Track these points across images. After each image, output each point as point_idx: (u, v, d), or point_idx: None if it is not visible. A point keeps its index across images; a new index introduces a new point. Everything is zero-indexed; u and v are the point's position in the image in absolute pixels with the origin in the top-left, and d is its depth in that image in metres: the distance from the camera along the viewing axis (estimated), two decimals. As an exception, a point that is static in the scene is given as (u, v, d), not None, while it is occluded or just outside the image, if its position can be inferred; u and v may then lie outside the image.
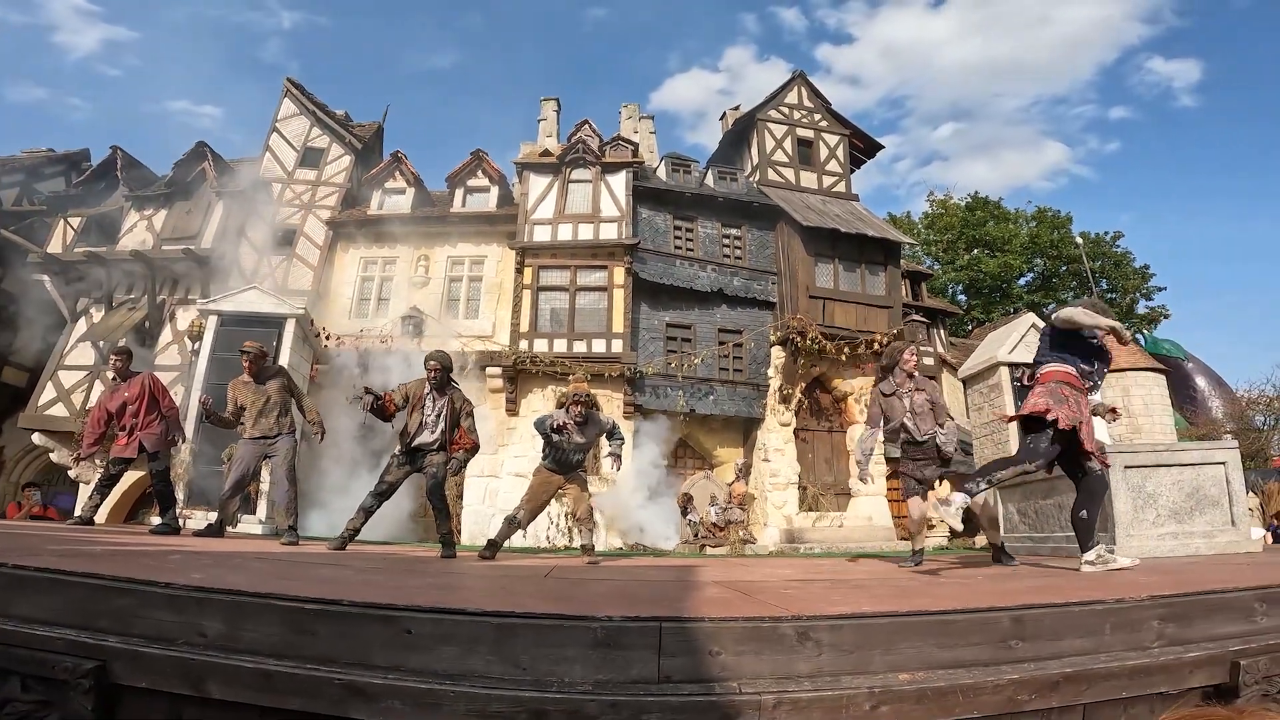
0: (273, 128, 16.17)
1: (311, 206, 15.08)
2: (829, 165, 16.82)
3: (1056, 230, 33.09)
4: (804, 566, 5.74)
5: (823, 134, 17.08)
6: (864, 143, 17.83)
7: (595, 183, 14.61)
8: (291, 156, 15.77)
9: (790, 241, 14.66)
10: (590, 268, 13.94)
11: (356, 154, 15.86)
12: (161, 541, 5.70)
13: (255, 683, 2.09)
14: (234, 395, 6.71)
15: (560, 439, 6.01)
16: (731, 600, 2.91)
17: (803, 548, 11.49)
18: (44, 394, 13.66)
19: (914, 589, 3.44)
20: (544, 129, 18.07)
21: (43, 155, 17.67)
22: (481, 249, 14.78)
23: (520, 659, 2.05)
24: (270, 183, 15.27)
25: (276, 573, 3.51)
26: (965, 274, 32.54)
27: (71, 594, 2.49)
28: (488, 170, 15.79)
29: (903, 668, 2.16)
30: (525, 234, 14.13)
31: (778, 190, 15.72)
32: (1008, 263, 32.04)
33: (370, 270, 14.81)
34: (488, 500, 12.57)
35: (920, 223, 35.85)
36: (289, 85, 16.55)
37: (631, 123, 19.59)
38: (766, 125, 16.73)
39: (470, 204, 15.48)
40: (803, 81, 17.62)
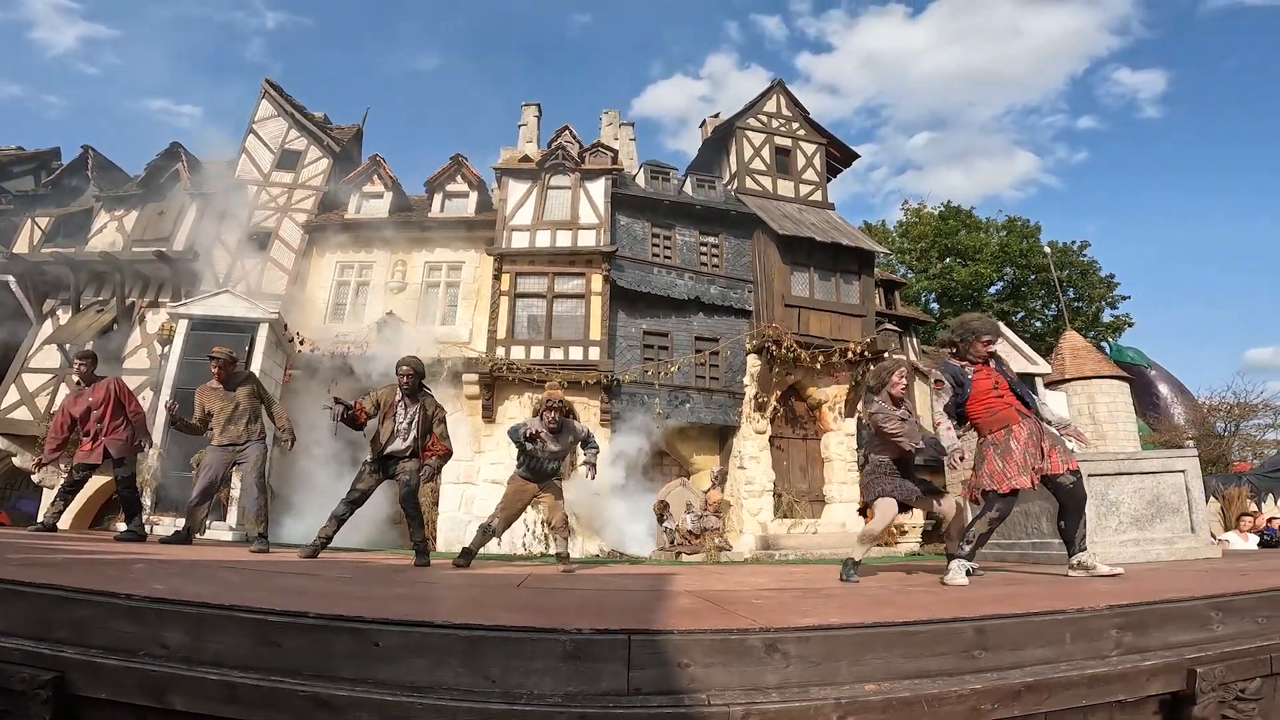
0: (249, 129, 15.98)
1: (288, 209, 14.92)
2: (806, 174, 16.96)
3: (1026, 240, 33.61)
4: (777, 574, 5.78)
5: (800, 143, 17.22)
6: (841, 152, 18.00)
7: (574, 189, 14.61)
8: (268, 159, 15.59)
9: (766, 250, 14.77)
10: (568, 275, 13.91)
11: (334, 157, 15.71)
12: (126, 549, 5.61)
13: (219, 694, 2.08)
14: (201, 402, 6.64)
15: (534, 447, 6.01)
16: (702, 611, 2.94)
17: (778, 554, 11.56)
18: (6, 397, 13.35)
19: (883, 598, 3.50)
20: (524, 134, 18.05)
21: (11, 153, 17.33)
22: (459, 254, 14.71)
23: (490, 671, 2.06)
24: (246, 185, 15.09)
25: (244, 583, 3.49)
26: (938, 282, 32.95)
27: (29, 604, 2.47)
28: (467, 175, 15.74)
29: (869, 678, 2.18)
30: (503, 240, 14.09)
31: (755, 198, 15.83)
32: (979, 271, 32.50)
33: (346, 275, 14.67)
34: (463, 507, 12.50)
35: (895, 231, 36.26)
36: (267, 86, 16.39)
37: (612, 129, 19.64)
38: (745, 133, 16.85)
39: (449, 209, 15.41)
40: (781, 90, 17.76)
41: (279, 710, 2.03)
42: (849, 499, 13.64)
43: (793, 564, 9.05)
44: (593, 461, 6.27)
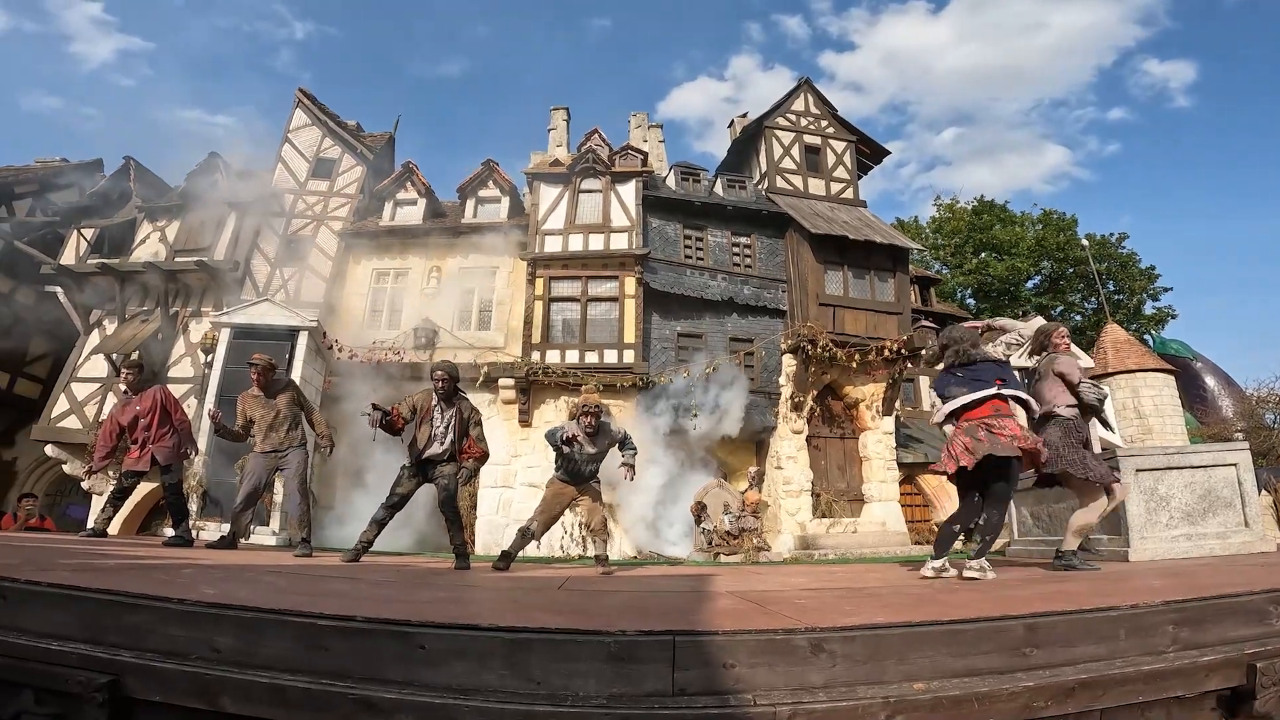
0: (285, 138, 16.22)
1: (324, 217, 15.13)
2: (836, 172, 16.83)
3: (1062, 232, 33.01)
4: (818, 574, 5.71)
5: (830, 140, 17.08)
6: (870, 149, 17.82)
7: (605, 192, 14.64)
8: (303, 167, 15.82)
9: (799, 249, 14.67)
10: (601, 278, 13.94)
11: (368, 165, 15.88)
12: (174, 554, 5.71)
13: (269, 697, 2.10)
14: (243, 408, 6.74)
15: (572, 450, 6.02)
16: (745, 611, 2.91)
17: (817, 554, 11.48)
18: (57, 406, 13.70)
19: (927, 597, 3.44)
20: (554, 138, 18.16)
21: (56, 165, 17.70)
22: (493, 260, 14.76)
23: (534, 673, 2.05)
24: (282, 193, 15.33)
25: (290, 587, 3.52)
26: (973, 278, 32.50)
27: (85, 609, 2.50)
28: (499, 180, 15.83)
29: (917, 677, 2.16)
30: (536, 245, 14.16)
31: (786, 198, 15.74)
32: (1015, 266, 31.98)
33: (382, 281, 14.83)
34: (501, 511, 12.58)
35: (928, 227, 35.81)
36: (301, 96, 16.61)
37: (640, 131, 19.66)
38: (774, 133, 16.76)
39: (482, 214, 15.49)
40: (809, 88, 17.64)
41: (327, 713, 2.05)
42: (888, 497, 13.53)
43: (832, 564, 8.95)
44: (631, 463, 6.26)
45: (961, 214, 35.37)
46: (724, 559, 9.97)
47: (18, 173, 16.83)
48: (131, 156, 15.74)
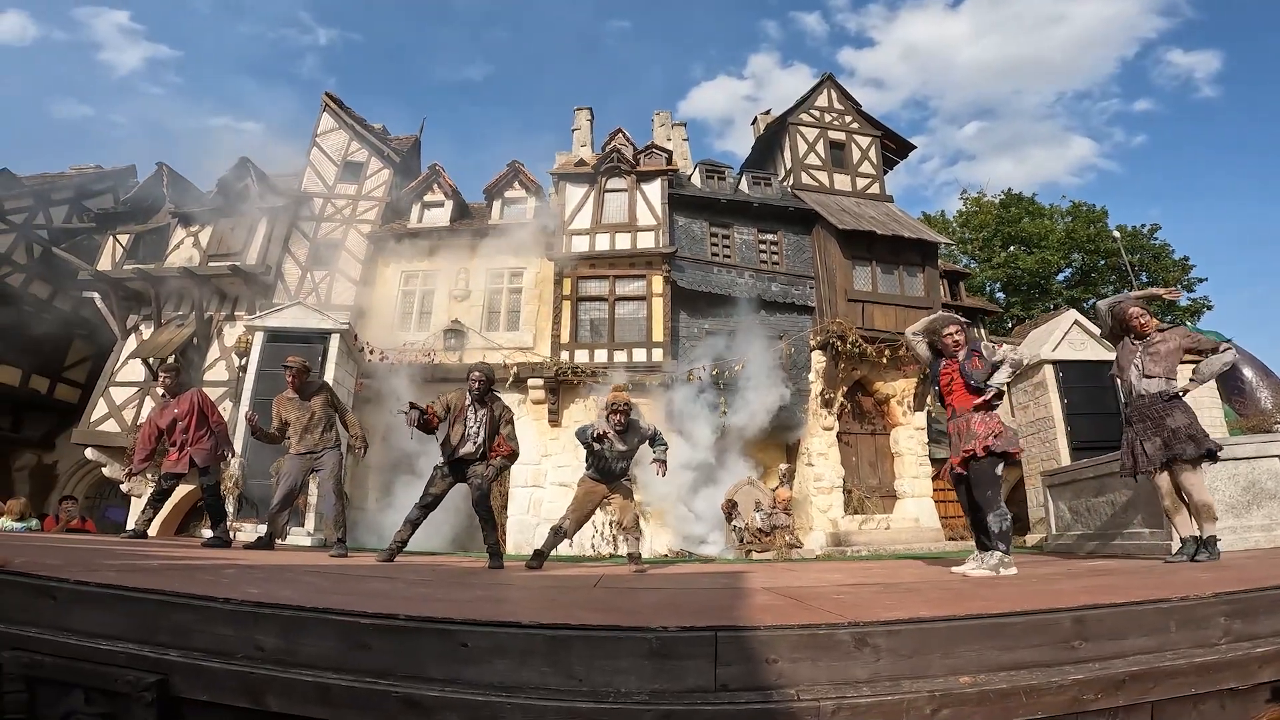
0: (313, 142, 16.40)
1: (352, 220, 15.29)
2: (862, 167, 16.67)
3: (1092, 224, 32.50)
4: (853, 570, 5.67)
5: (854, 136, 16.93)
6: (896, 143, 17.63)
7: (631, 191, 14.64)
8: (332, 171, 15.99)
9: (827, 245, 14.55)
10: (629, 277, 13.94)
11: (395, 167, 16.02)
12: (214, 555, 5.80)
13: (313, 696, 2.12)
14: (278, 411, 6.82)
15: (602, 448, 6.02)
16: (784, 607, 2.91)
17: (850, 550, 11.39)
18: (96, 410, 13.97)
19: (967, 592, 3.42)
20: (578, 138, 18.18)
21: (90, 172, 18.09)
22: (520, 260, 14.82)
23: (575, 670, 2.06)
24: (312, 197, 15.52)
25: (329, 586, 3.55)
26: (1003, 271, 32.09)
27: (132, 609, 2.54)
28: (525, 181, 15.88)
29: (962, 671, 2.16)
30: (563, 245, 14.19)
31: (812, 194, 15.62)
32: (1045, 259, 31.53)
33: (411, 283, 14.93)
34: (532, 510, 12.63)
35: (955, 221, 35.42)
36: (327, 100, 16.77)
37: (664, 130, 19.62)
38: (798, 129, 16.64)
39: (508, 215, 15.55)
40: (832, 84, 17.50)
41: (370, 711, 2.07)
42: (921, 493, 13.39)
43: (866, 560, 8.88)
44: (663, 459, 6.26)
45: (989, 207, 34.97)
46: (756, 556, 9.92)
47: (53, 180, 17.21)
48: (164, 162, 15.95)
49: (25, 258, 15.65)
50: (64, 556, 3.98)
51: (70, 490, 15.08)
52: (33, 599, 2.69)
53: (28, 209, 15.89)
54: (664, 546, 11.68)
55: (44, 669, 2.47)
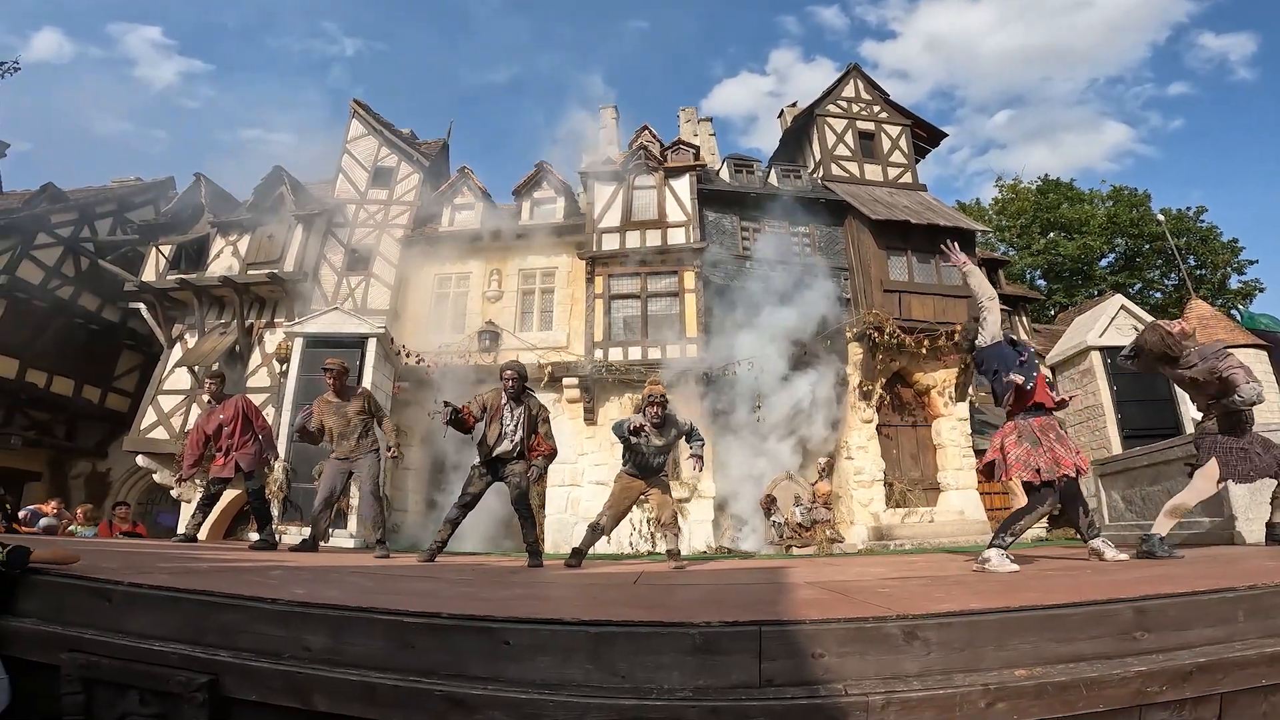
0: (344, 149, 16.59)
1: (385, 226, 15.44)
2: (893, 156, 16.48)
3: (1135, 208, 31.68)
4: (897, 564, 5.58)
5: (883, 125, 16.74)
6: (927, 132, 17.40)
7: (659, 188, 14.60)
8: (363, 177, 16.15)
9: (860, 236, 14.36)
10: (660, 274, 13.91)
11: (424, 171, 16.14)
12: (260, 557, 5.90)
13: (359, 695, 2.13)
14: (318, 413, 6.90)
15: (639, 441, 6.01)
16: (829, 601, 2.87)
17: (892, 545, 11.23)
18: (145, 418, 14.32)
19: (1018, 583, 3.34)
20: (604, 137, 18.18)
21: (132, 184, 18.54)
22: (552, 260, 14.90)
23: (618, 667, 2.05)
24: (345, 204, 15.70)
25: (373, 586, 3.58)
26: (1043, 258, 31.49)
27: (184, 610, 2.58)
28: (553, 181, 15.93)
29: (1018, 664, 2.12)
30: (594, 243, 14.20)
31: (843, 185, 15.45)
32: (1087, 244, 30.82)
33: (445, 286, 15.05)
34: (569, 509, 12.66)
35: (990, 209, 34.82)
36: (356, 106, 16.97)
37: (690, 126, 19.57)
38: (826, 120, 16.49)
39: (538, 215, 15.61)
40: (858, 74, 17.32)
41: (416, 710, 2.07)
42: (965, 485, 13.12)
43: (910, 554, 8.72)
44: (700, 453, 6.24)
45: (1025, 194, 34.32)
46: (796, 552, 9.83)
47: (97, 193, 17.68)
48: (201, 173, 16.28)
49: (73, 270, 16.10)
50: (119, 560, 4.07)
51: (123, 496, 15.46)
52: (90, 601, 2.75)
53: (74, 222, 16.33)
54: (702, 543, 11.63)
55: (100, 670, 2.51)
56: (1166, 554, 4.36)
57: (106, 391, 17.19)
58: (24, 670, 2.73)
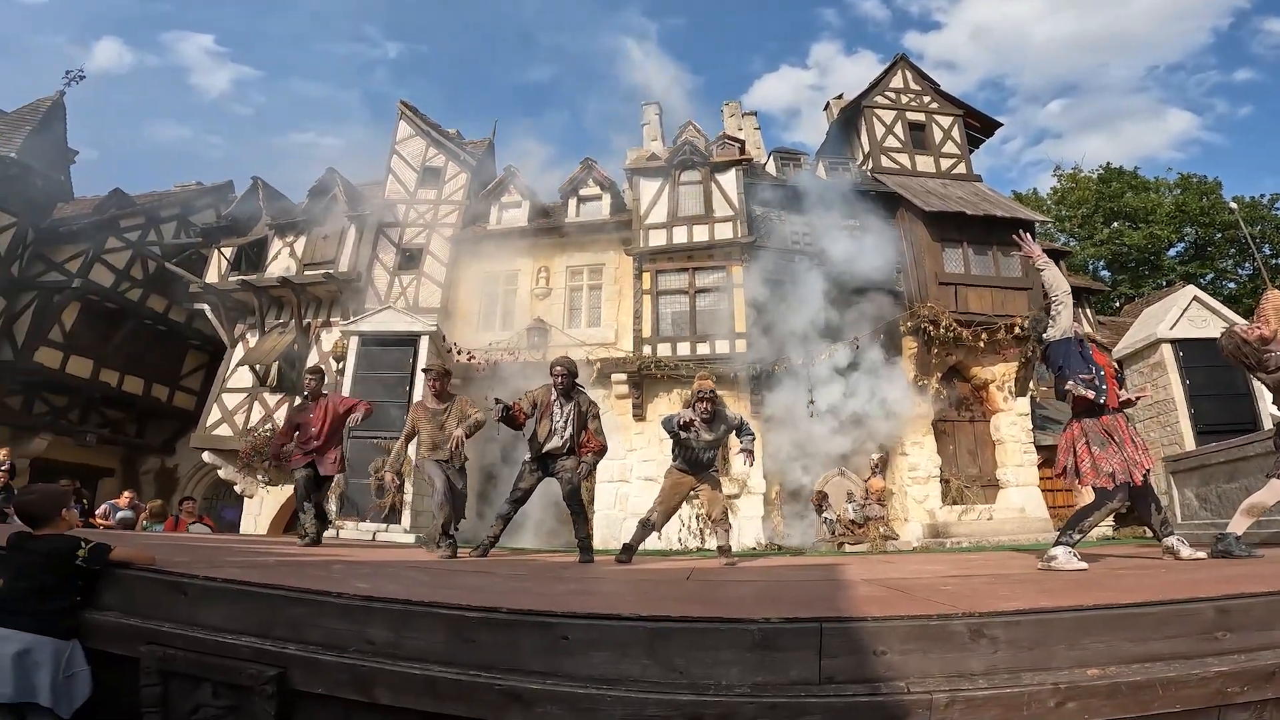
0: (392, 150, 16.85)
1: (435, 225, 15.65)
2: (945, 147, 16.10)
3: (1205, 196, 30.38)
4: (956, 562, 5.45)
5: (934, 116, 16.38)
6: (980, 121, 16.96)
7: (706, 183, 14.50)
8: (412, 177, 16.39)
9: (913, 228, 14.04)
10: (708, 269, 13.82)
11: (471, 171, 16.31)
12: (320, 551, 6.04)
13: (420, 689, 2.17)
14: (414, 418, 6.76)
15: (688, 436, 5.97)
16: (890, 598, 2.84)
17: (949, 543, 10.96)
18: (210, 416, 14.84)
19: (1089, 581, 3.28)
20: (648, 133, 18.11)
21: (193, 189, 19.28)
22: (599, 257, 14.93)
23: (675, 663, 2.05)
24: (395, 204, 15.97)
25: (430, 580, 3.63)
26: (1107, 249, 30.43)
27: (255, 604, 2.64)
28: (598, 178, 15.93)
29: (1090, 663, 2.08)
30: (641, 239, 14.17)
31: (894, 177, 15.16)
32: (1154, 234, 29.64)
33: (493, 284, 15.20)
34: (618, 505, 12.67)
35: (1049, 198, 33.78)
36: (403, 108, 17.21)
37: (734, 120, 19.37)
38: (874, 112, 16.21)
39: (584, 213, 15.64)
40: (906, 65, 17.00)
41: (474, 704, 2.10)
42: (1026, 482, 12.73)
43: (968, 552, 8.53)
44: (750, 448, 6.19)
45: (1086, 183, 33.18)
46: (849, 549, 9.67)
47: (160, 198, 18.39)
48: (258, 177, 16.75)
49: (141, 273, 16.76)
50: (191, 554, 4.20)
51: (189, 491, 16.02)
52: (167, 595, 2.84)
53: (140, 226, 17.02)
54: (752, 539, 11.53)
55: (177, 663, 2.60)
56: (1245, 553, 4.21)
57: (174, 390, 17.87)
58: (103, 662, 2.83)
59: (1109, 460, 4.14)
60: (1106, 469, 4.13)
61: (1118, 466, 4.12)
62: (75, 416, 15.98)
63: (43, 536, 3.03)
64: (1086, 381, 4.29)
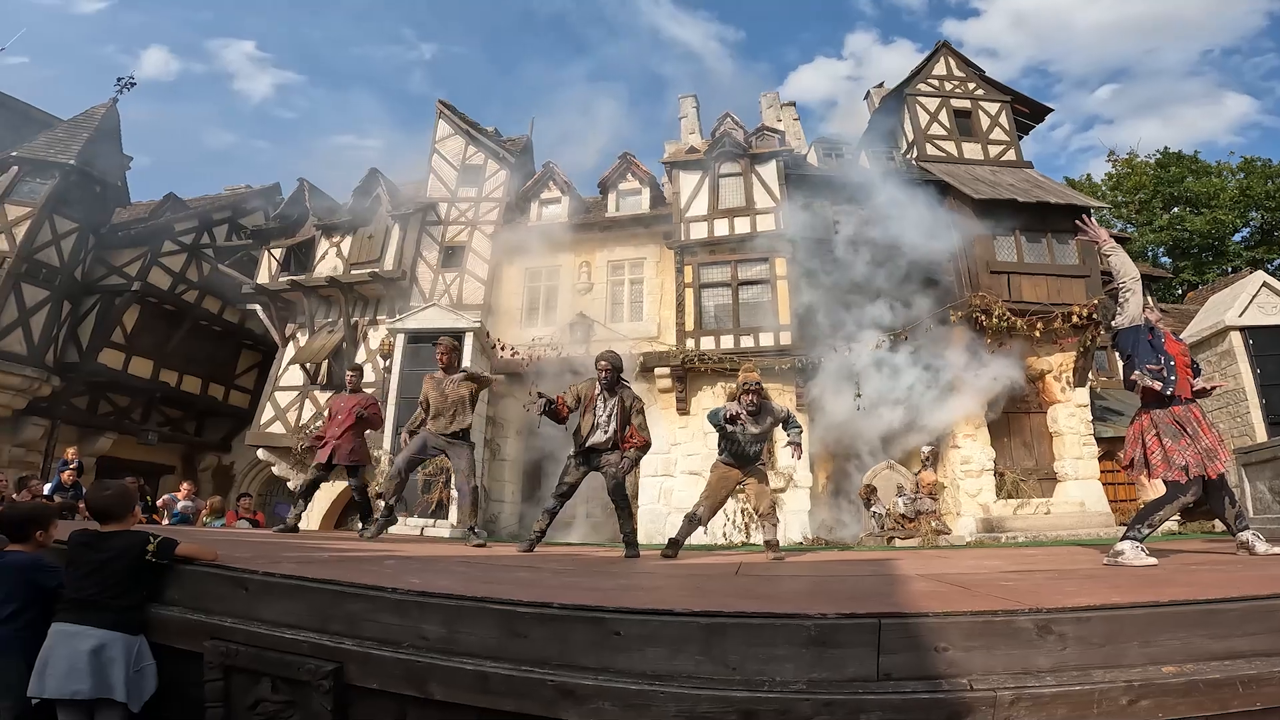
0: (432, 149, 17.05)
1: (476, 222, 15.79)
2: (993, 134, 15.71)
3: (1270, 180, 29.07)
4: (1014, 557, 5.31)
5: (980, 103, 15.99)
6: (1029, 107, 16.48)
7: (746, 175, 14.37)
8: (452, 175, 16.56)
9: (962, 217, 13.63)
10: (750, 261, 13.69)
11: (510, 168, 16.41)
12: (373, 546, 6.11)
13: (473, 684, 2.17)
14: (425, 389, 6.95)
15: (734, 430, 5.91)
16: (948, 594, 2.80)
17: (1004, 537, 10.67)
18: (264, 414, 15.22)
19: (1161, 578, 3.19)
20: (686, 126, 17.98)
21: (242, 191, 19.83)
22: (640, 251, 14.89)
23: (729, 659, 2.03)
24: (437, 202, 16.16)
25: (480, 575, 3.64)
26: (1167, 235, 29.42)
27: (312, 599, 2.67)
28: (637, 172, 15.89)
29: (1165, 660, 2.04)
30: (681, 233, 14.11)
31: (940, 165, 14.81)
32: (1217, 219, 28.53)
33: (535, 280, 15.29)
34: (662, 499, 12.62)
35: (1103, 184, 32.75)
36: (442, 107, 17.39)
37: (773, 111, 19.09)
38: (917, 100, 15.89)
39: (624, 207, 15.63)
40: (948, 51, 16.64)
41: (526, 699, 2.10)
42: (1086, 475, 12.30)
43: (1026, 547, 8.29)
44: (797, 441, 6.10)
45: (1143, 168, 32.13)
46: (899, 543, 9.47)
47: (212, 201, 18.97)
48: (304, 178, 17.10)
49: (196, 275, 17.27)
50: (250, 550, 4.28)
51: (245, 488, 16.49)
52: (229, 590, 2.89)
53: (194, 229, 17.58)
54: (799, 534, 11.38)
55: (238, 658, 2.65)
56: None
57: (229, 389, 18.40)
58: (166, 657, 2.89)
59: (1181, 453, 3.98)
60: (1179, 462, 3.97)
61: (1191, 459, 3.96)
62: (138, 415, 16.61)
63: (114, 533, 3.09)
64: (1154, 372, 4.12)
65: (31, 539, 3.27)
